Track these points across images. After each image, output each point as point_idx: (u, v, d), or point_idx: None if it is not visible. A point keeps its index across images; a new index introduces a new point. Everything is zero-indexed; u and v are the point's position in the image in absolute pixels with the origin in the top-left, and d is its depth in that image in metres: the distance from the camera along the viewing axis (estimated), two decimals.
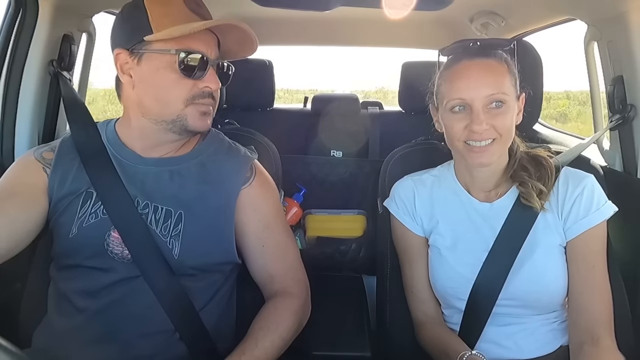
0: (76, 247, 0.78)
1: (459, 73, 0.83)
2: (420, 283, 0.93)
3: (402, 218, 0.95)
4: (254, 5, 1.37)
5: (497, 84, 0.81)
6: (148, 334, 0.78)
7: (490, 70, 0.82)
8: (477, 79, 0.81)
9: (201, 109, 0.79)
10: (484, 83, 0.80)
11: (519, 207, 0.85)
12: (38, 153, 0.84)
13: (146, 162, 0.83)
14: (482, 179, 0.90)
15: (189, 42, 0.76)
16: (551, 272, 0.83)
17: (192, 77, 0.76)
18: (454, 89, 0.82)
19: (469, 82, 0.81)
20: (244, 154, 0.90)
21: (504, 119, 0.81)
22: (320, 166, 1.96)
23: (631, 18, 0.99)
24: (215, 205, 0.82)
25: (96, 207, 0.79)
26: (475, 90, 0.80)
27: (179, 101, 0.77)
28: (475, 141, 0.81)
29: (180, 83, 0.76)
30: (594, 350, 0.77)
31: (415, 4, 1.25)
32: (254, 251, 0.87)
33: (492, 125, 0.80)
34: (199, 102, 0.78)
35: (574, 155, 0.95)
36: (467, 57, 0.84)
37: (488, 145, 0.81)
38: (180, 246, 0.79)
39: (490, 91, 0.80)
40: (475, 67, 0.82)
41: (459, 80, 0.82)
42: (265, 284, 0.87)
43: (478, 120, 0.79)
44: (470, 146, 0.82)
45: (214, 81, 0.79)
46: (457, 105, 0.82)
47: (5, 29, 1.06)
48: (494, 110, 0.80)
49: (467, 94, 0.80)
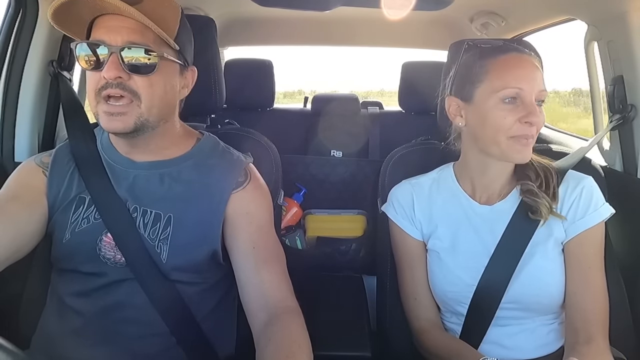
0: (70, 252, 0.78)
1: (514, 63, 0.79)
2: (423, 288, 0.92)
3: (401, 223, 0.94)
4: (254, 5, 1.37)
5: (542, 81, 0.79)
6: (144, 337, 0.78)
7: (537, 67, 0.80)
8: (531, 71, 0.79)
9: (106, 109, 0.73)
10: (537, 77, 0.79)
11: (522, 212, 0.84)
12: (38, 159, 0.85)
13: (137, 166, 0.82)
14: (493, 180, 0.88)
15: (93, 33, 0.73)
16: (552, 274, 0.83)
17: (93, 69, 0.73)
18: (511, 77, 0.78)
19: (526, 73, 0.78)
20: (236, 158, 0.88)
21: (543, 117, 0.79)
22: (320, 166, 1.97)
23: (631, 18, 0.99)
24: (205, 209, 0.81)
25: (89, 211, 0.79)
26: (532, 82, 0.77)
27: (92, 96, 0.74)
28: (528, 136, 0.78)
29: (90, 77, 0.73)
30: (585, 350, 0.76)
31: (415, 4, 1.25)
32: (245, 255, 0.81)
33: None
34: (103, 94, 0.72)
35: (577, 159, 0.94)
36: (514, 51, 0.81)
37: (529, 140, 0.79)
38: (168, 250, 0.78)
39: (542, 87, 0.78)
40: (527, 60, 0.80)
41: (515, 70, 0.78)
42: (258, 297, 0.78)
43: (536, 111, 0.76)
44: (516, 140, 0.79)
45: (108, 69, 0.70)
46: (511, 95, 0.78)
47: (5, 29, 1.06)
48: (539, 107, 0.79)
49: (526, 85, 0.77)
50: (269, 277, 0.79)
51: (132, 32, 0.71)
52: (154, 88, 0.74)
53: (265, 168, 0.97)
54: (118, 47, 0.71)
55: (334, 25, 2.03)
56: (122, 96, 0.72)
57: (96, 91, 0.72)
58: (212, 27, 1.02)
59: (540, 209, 0.82)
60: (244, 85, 1.90)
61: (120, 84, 0.71)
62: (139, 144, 0.80)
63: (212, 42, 1.01)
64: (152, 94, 0.74)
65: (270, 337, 0.70)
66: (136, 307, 0.78)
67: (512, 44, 0.83)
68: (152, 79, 0.74)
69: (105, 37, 0.71)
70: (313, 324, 0.75)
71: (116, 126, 0.73)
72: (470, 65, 0.84)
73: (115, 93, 0.72)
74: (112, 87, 0.71)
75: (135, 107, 0.73)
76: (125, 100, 0.72)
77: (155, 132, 0.79)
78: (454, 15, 1.74)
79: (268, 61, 1.98)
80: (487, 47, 0.84)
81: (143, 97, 0.73)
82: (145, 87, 0.73)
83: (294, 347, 0.68)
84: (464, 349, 0.82)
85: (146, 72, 0.73)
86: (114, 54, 0.70)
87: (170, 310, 0.79)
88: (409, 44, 2.27)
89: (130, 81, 0.72)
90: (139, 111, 0.74)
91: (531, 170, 0.86)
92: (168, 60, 0.76)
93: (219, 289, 0.87)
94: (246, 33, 2.10)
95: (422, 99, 1.79)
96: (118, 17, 0.71)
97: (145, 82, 0.73)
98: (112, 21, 0.71)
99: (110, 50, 0.70)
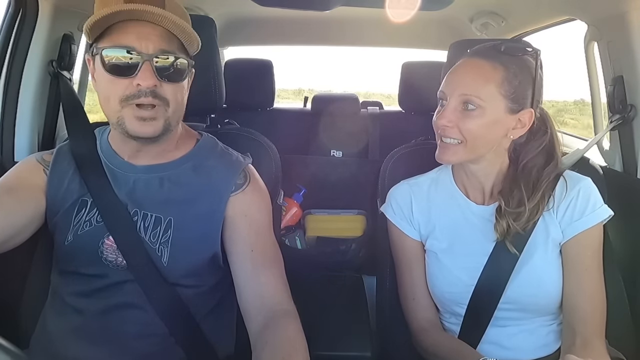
0: (72, 254, 0.79)
1: (452, 68, 0.84)
2: (422, 289, 0.92)
3: (400, 224, 0.94)
4: (254, 5, 1.37)
5: (475, 86, 0.79)
6: (144, 337, 0.78)
7: (475, 71, 0.80)
8: (459, 75, 0.82)
9: (137, 114, 0.73)
10: (463, 81, 0.80)
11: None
12: (39, 156, 0.85)
13: (136, 169, 0.82)
14: (476, 179, 0.88)
15: (119, 37, 0.71)
16: (549, 276, 0.83)
17: (122, 75, 0.72)
18: (443, 83, 0.84)
19: (453, 78, 0.82)
20: (235, 159, 0.87)
21: (471, 122, 0.79)
22: (320, 166, 1.97)
23: (631, 18, 0.99)
24: (205, 211, 0.81)
25: (91, 214, 0.79)
26: (452, 86, 0.81)
27: (116, 101, 0.73)
28: (443, 137, 0.82)
29: (113, 82, 0.72)
30: (581, 352, 0.76)
31: (415, 4, 1.25)
32: (243, 258, 0.80)
33: (457, 125, 0.80)
34: (133, 102, 0.72)
35: (575, 159, 0.95)
36: (468, 55, 0.84)
37: (453, 144, 0.82)
38: (169, 253, 0.78)
39: (464, 91, 0.79)
40: (465, 65, 0.82)
41: (448, 75, 0.84)
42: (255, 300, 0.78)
43: (443, 114, 0.81)
44: (440, 140, 0.83)
45: (143, 78, 0.71)
46: (440, 98, 0.84)
47: (5, 29, 1.06)
48: (465, 112, 0.80)
49: (446, 88, 0.82)
50: (267, 280, 0.79)
51: (161, 39, 0.72)
52: (179, 94, 0.77)
53: (265, 168, 0.97)
54: (151, 55, 0.71)
55: (334, 25, 2.03)
56: (153, 105, 0.73)
57: (122, 97, 0.72)
58: (212, 27, 1.02)
59: (496, 227, 0.83)
60: (244, 85, 1.90)
61: (152, 92, 0.72)
62: (149, 147, 0.80)
63: (212, 42, 1.01)
64: (178, 99, 0.76)
65: (267, 340, 0.70)
66: (136, 308, 0.78)
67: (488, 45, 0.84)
68: (180, 85, 0.76)
69: (136, 43, 0.71)
70: (313, 324, 0.75)
71: (147, 130, 0.74)
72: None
73: (148, 102, 0.72)
74: (145, 95, 0.72)
75: (164, 112, 0.75)
76: (157, 107, 0.74)
77: (170, 135, 0.80)
78: (454, 15, 1.74)
79: (268, 61, 1.98)
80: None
81: (171, 102, 0.75)
82: (173, 94, 0.75)
83: (291, 351, 0.69)
84: (463, 349, 0.82)
85: (177, 80, 0.75)
86: (147, 61, 0.71)
87: (169, 311, 0.79)
88: (409, 44, 2.27)
89: (160, 88, 0.73)
90: (167, 115, 0.75)
91: (518, 190, 0.82)
92: (190, 67, 0.78)
93: (218, 291, 0.87)
94: (246, 33, 2.11)
95: (422, 99, 1.80)
96: (147, 23, 0.71)
97: (174, 88, 0.75)
98: (143, 27, 0.71)
99: (144, 58, 0.70)
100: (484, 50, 0.83)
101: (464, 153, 0.82)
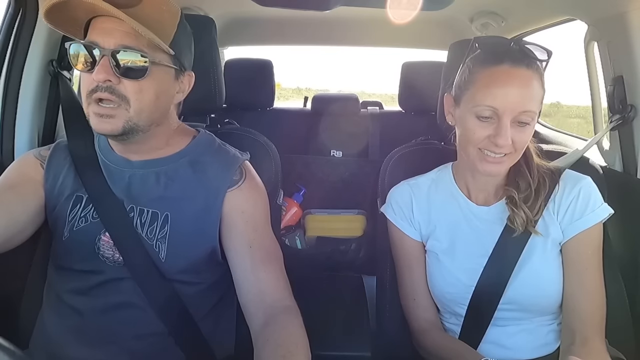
0: (69, 249, 0.78)
1: (498, 78, 0.76)
2: (422, 289, 0.92)
3: (400, 224, 0.94)
4: (254, 5, 1.37)
5: (532, 101, 0.75)
6: (143, 337, 0.78)
7: (529, 85, 0.75)
8: (516, 90, 0.74)
9: (96, 110, 0.72)
10: (521, 98, 0.74)
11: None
12: (37, 151, 0.85)
13: (132, 165, 0.82)
14: (485, 182, 0.88)
15: (90, 33, 0.72)
16: (549, 275, 0.83)
17: (85, 70, 0.72)
18: (489, 95, 0.75)
19: (507, 92, 0.74)
20: (232, 155, 0.87)
21: (525, 135, 0.77)
22: (320, 166, 1.97)
23: (631, 18, 0.99)
24: (201, 206, 0.81)
25: (86, 210, 0.79)
26: (510, 103, 0.74)
27: (84, 97, 0.73)
28: (493, 152, 0.78)
29: (83, 77, 0.73)
30: (581, 351, 0.76)
31: (415, 4, 1.25)
32: (241, 254, 0.80)
33: (513, 140, 0.76)
34: (93, 97, 0.71)
35: (575, 158, 0.95)
36: (509, 62, 0.76)
37: (502, 157, 0.78)
38: (167, 249, 0.78)
39: (524, 108, 0.75)
40: (516, 76, 0.75)
41: (496, 87, 0.75)
42: (255, 297, 0.78)
43: (505, 135, 0.75)
44: (484, 155, 0.79)
45: (98, 72, 0.69)
46: (485, 115, 0.76)
47: (5, 29, 1.05)
48: (519, 127, 0.76)
49: (502, 105, 0.74)
50: (266, 277, 0.79)
51: (126, 35, 0.70)
52: (144, 93, 0.73)
53: (265, 168, 0.97)
54: (110, 50, 0.70)
55: (334, 25, 2.03)
56: (110, 100, 0.71)
57: (87, 92, 0.72)
58: (212, 27, 1.02)
59: (515, 219, 0.82)
60: (244, 85, 1.90)
61: (109, 88, 0.71)
62: (131, 145, 0.80)
63: (212, 42, 1.01)
64: (141, 98, 0.73)
65: (268, 337, 0.70)
66: (134, 307, 0.78)
67: (515, 47, 0.78)
68: (142, 83, 0.72)
69: (98, 39, 0.70)
70: (313, 324, 0.75)
71: (104, 128, 0.73)
72: (465, 68, 0.83)
73: (104, 97, 0.71)
74: (102, 91, 0.71)
75: (124, 111, 0.72)
76: (113, 103, 0.72)
77: (147, 134, 0.78)
78: (454, 15, 1.74)
79: (268, 61, 1.98)
80: (482, 54, 0.81)
81: (132, 101, 0.72)
82: (135, 92, 0.72)
83: (292, 347, 0.68)
84: (463, 349, 0.82)
85: (136, 77, 0.72)
86: (105, 56, 0.70)
87: (168, 310, 0.79)
88: (409, 44, 2.27)
89: (119, 85, 0.71)
90: (128, 115, 0.73)
91: (523, 178, 0.84)
92: (161, 65, 0.75)
93: (218, 289, 0.86)
94: (246, 33, 2.11)
95: (422, 99, 1.80)
96: (113, 19, 0.70)
97: (135, 86, 0.72)
98: (107, 23, 0.70)
99: (102, 53, 0.70)
100: (519, 55, 0.77)
101: (511, 161, 0.81)
